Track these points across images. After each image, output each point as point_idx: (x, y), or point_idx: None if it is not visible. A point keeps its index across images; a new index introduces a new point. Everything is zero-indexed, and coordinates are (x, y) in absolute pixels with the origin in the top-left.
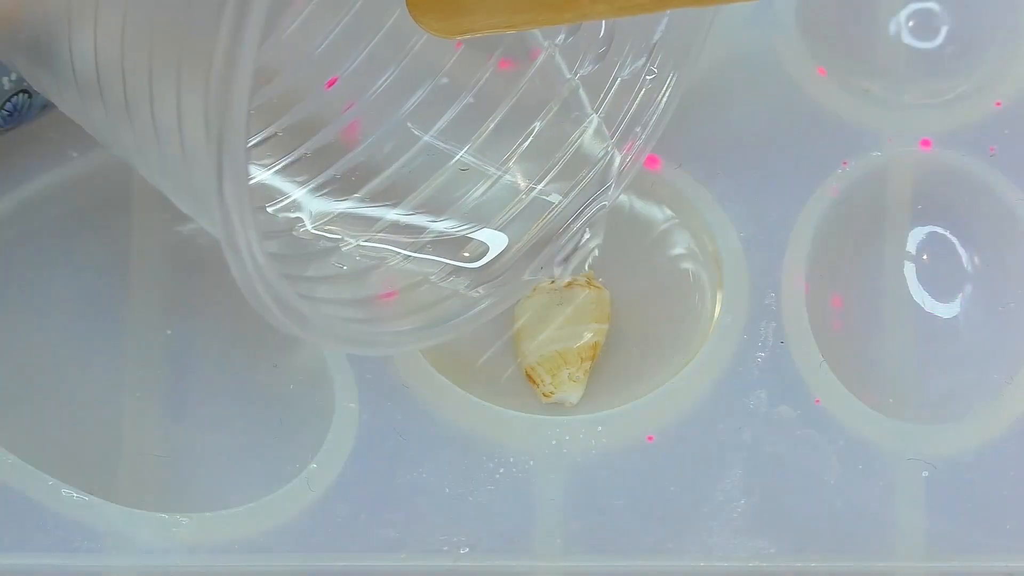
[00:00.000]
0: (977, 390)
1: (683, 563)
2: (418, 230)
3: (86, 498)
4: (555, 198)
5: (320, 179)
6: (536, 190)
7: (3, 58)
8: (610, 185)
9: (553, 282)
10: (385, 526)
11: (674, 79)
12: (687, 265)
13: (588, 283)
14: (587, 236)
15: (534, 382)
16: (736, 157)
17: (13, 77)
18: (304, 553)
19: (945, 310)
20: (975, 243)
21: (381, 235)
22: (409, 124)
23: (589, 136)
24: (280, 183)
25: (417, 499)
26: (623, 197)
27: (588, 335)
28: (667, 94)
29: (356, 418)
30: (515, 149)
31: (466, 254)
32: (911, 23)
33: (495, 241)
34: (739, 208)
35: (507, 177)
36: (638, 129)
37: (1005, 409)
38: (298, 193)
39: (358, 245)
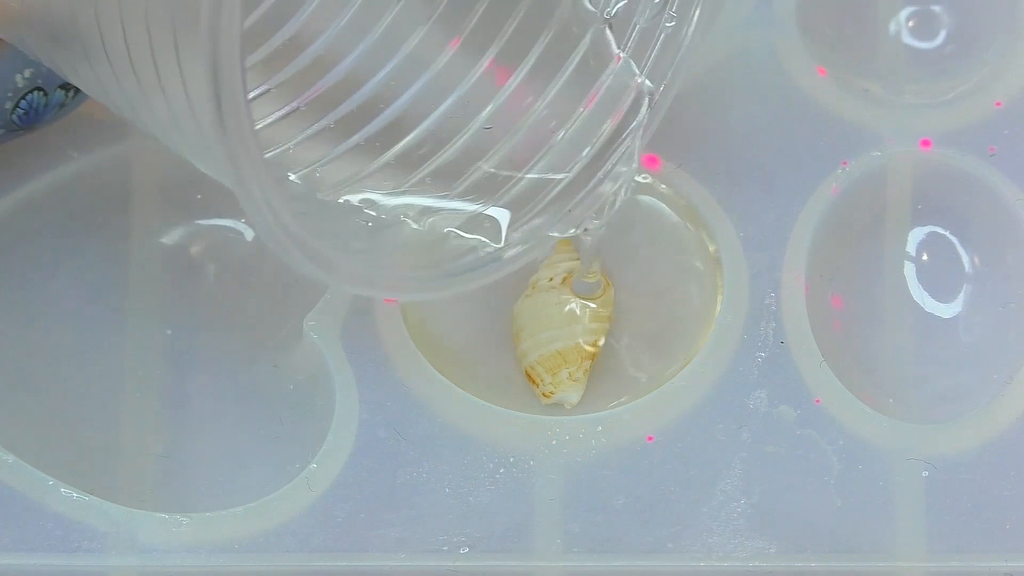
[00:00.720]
0: (977, 390)
1: (683, 563)
2: (440, 191)
3: (86, 498)
4: (560, 170)
5: (345, 146)
6: (564, 136)
7: (16, 40)
8: (640, 122)
9: (552, 279)
10: (385, 526)
11: (696, 16)
12: (687, 265)
13: (600, 276)
14: (614, 188)
15: (534, 382)
16: (736, 157)
17: (27, 74)
18: (304, 553)
19: (945, 310)
20: (975, 243)
21: (403, 197)
22: (435, 82)
23: (616, 76)
24: (306, 150)
25: (417, 499)
26: (623, 198)
27: (588, 334)
28: (688, 36)
29: (356, 418)
30: (545, 96)
31: (486, 222)
32: (911, 23)
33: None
34: (739, 208)
35: (534, 125)
36: (659, 75)
37: (1005, 409)
38: (323, 159)
39: (381, 206)
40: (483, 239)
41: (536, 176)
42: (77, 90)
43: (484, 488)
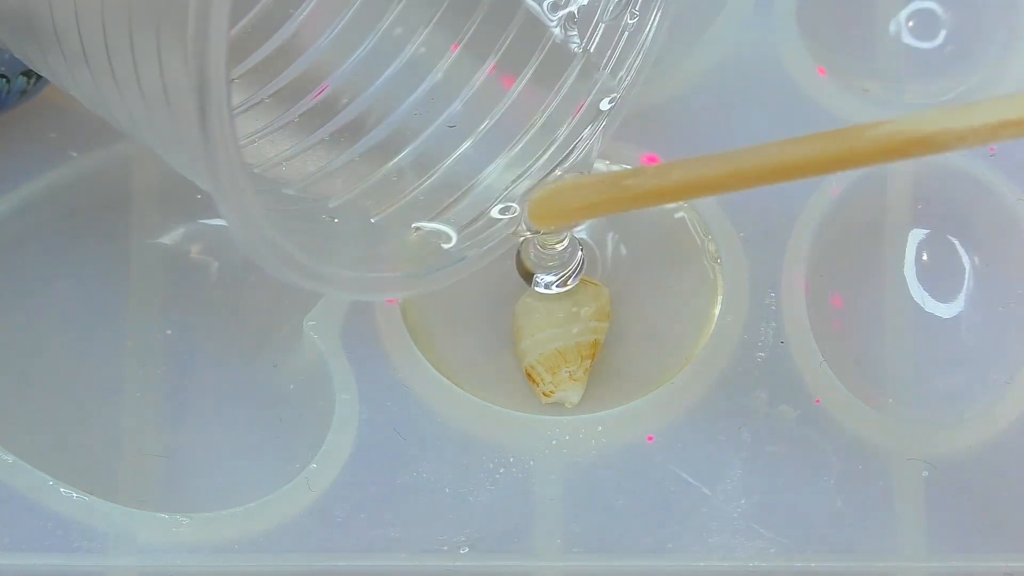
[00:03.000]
0: (977, 390)
1: (683, 563)
2: (402, 188)
3: (86, 498)
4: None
5: (311, 140)
6: (524, 141)
7: None
8: (601, 121)
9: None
10: (385, 526)
11: (657, 18)
12: (687, 265)
13: (585, 282)
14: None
15: (534, 381)
16: None
17: None
18: (304, 553)
19: (945, 310)
20: (975, 243)
21: (364, 193)
22: (401, 77)
23: (576, 76)
24: (271, 144)
25: (417, 499)
26: None
27: (588, 333)
28: (651, 33)
29: (356, 418)
30: (510, 94)
31: (449, 215)
32: (911, 23)
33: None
34: (739, 208)
35: (492, 131)
36: (622, 74)
37: (1005, 409)
38: (289, 155)
39: (345, 202)
40: (444, 230)
41: (497, 175)
42: (39, 77)
43: (484, 488)
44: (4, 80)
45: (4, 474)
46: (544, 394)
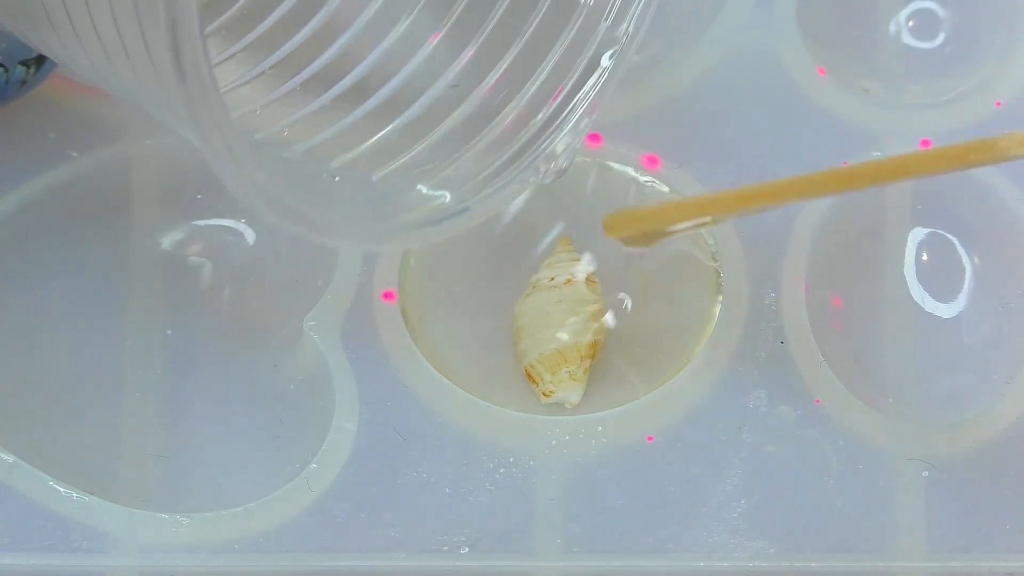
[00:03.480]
0: (977, 390)
1: (683, 563)
2: (407, 147)
3: (86, 498)
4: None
5: (312, 107)
6: (529, 93)
7: None
8: (603, 73)
9: (553, 279)
10: (385, 526)
11: None
12: (687, 265)
13: (587, 281)
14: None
15: (534, 381)
16: (736, 157)
17: None
18: (304, 553)
19: (945, 310)
20: (975, 243)
21: (365, 152)
22: (402, 41)
23: (580, 25)
24: (271, 112)
25: (417, 499)
26: (624, 197)
27: (588, 333)
28: None
29: (356, 418)
30: (511, 50)
31: (451, 172)
32: (911, 23)
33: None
34: None
35: (492, 89)
36: (624, 26)
37: (1005, 409)
38: (288, 120)
39: (347, 162)
40: (444, 192)
41: (499, 130)
42: (38, 66)
43: (484, 488)
44: (2, 70)
45: (4, 474)
46: (544, 394)
